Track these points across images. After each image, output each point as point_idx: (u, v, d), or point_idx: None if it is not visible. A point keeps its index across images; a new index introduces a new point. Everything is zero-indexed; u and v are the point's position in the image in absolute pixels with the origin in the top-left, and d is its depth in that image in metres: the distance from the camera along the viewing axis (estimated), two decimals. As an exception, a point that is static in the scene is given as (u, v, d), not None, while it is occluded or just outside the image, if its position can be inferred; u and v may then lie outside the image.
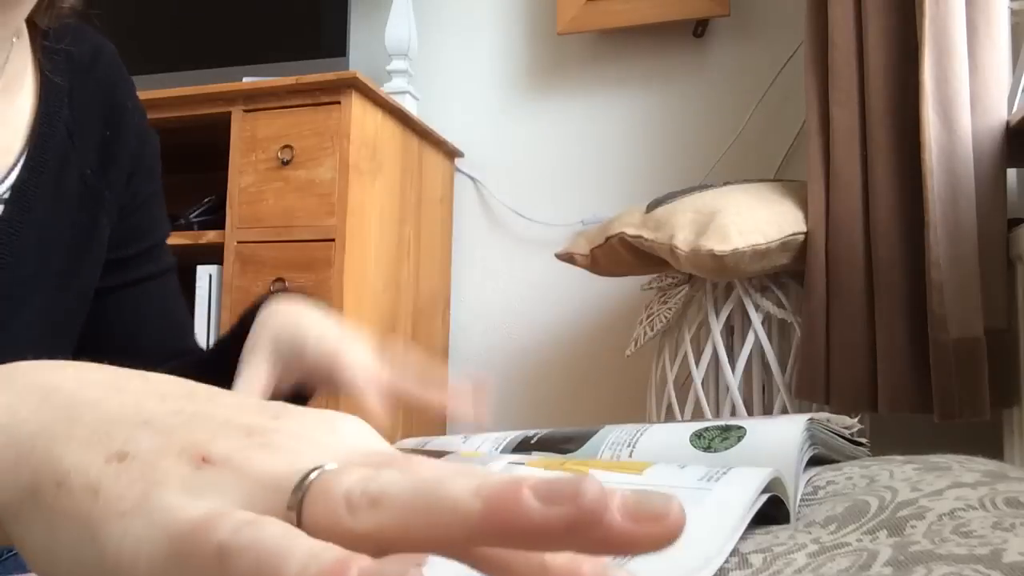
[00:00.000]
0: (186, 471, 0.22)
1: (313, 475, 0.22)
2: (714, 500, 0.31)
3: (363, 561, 0.19)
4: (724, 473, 0.33)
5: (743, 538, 0.30)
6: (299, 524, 0.21)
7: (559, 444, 0.46)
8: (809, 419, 0.42)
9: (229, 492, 0.22)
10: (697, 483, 0.32)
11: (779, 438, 0.40)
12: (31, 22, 0.61)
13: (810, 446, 0.42)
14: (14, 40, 0.59)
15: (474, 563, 0.23)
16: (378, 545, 0.21)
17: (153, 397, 0.25)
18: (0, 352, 0.29)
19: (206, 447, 0.23)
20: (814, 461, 0.43)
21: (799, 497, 0.37)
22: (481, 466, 0.41)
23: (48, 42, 0.62)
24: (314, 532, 0.21)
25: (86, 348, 0.65)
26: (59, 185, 0.61)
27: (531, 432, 0.50)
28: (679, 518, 0.20)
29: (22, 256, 0.58)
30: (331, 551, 0.19)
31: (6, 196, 0.57)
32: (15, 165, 0.58)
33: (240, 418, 0.24)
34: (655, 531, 0.20)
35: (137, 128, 0.68)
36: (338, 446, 0.24)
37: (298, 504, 0.21)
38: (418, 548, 0.21)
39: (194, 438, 0.23)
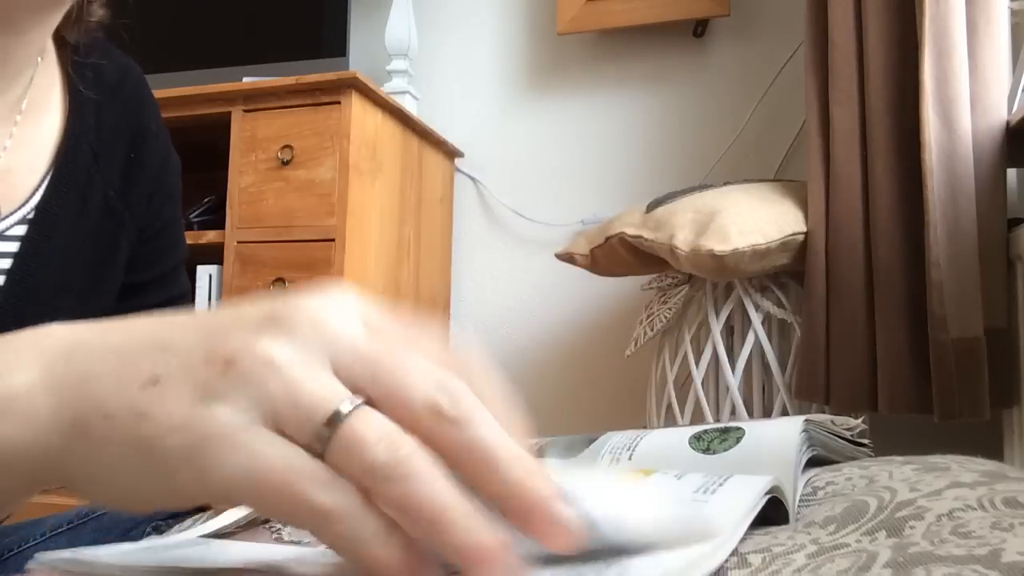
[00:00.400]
0: (215, 377, 0.24)
1: (343, 417, 0.24)
2: (713, 506, 0.31)
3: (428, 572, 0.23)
4: (720, 484, 0.33)
5: (742, 538, 0.30)
6: (324, 453, 0.24)
7: (562, 451, 0.46)
8: (806, 420, 0.42)
9: (257, 389, 0.24)
10: (693, 495, 0.32)
11: (778, 439, 0.40)
12: (59, 38, 0.61)
13: (808, 447, 0.42)
14: (39, 60, 0.59)
15: None
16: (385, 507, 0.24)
17: (164, 325, 0.27)
18: None
19: (223, 348, 0.25)
20: (814, 462, 0.43)
21: (798, 498, 0.37)
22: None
23: (77, 58, 0.62)
24: (335, 468, 0.24)
25: None
26: (82, 205, 0.61)
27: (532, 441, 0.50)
28: (575, 536, 0.24)
29: (44, 275, 0.58)
30: (398, 552, 0.23)
31: (31, 216, 0.57)
32: (40, 184, 0.58)
33: (245, 315, 0.26)
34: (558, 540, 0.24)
35: (160, 151, 0.69)
36: (343, 326, 0.26)
37: (323, 447, 0.24)
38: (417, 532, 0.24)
39: (212, 345, 0.25)
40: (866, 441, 0.47)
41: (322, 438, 0.24)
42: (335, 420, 0.24)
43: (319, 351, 0.25)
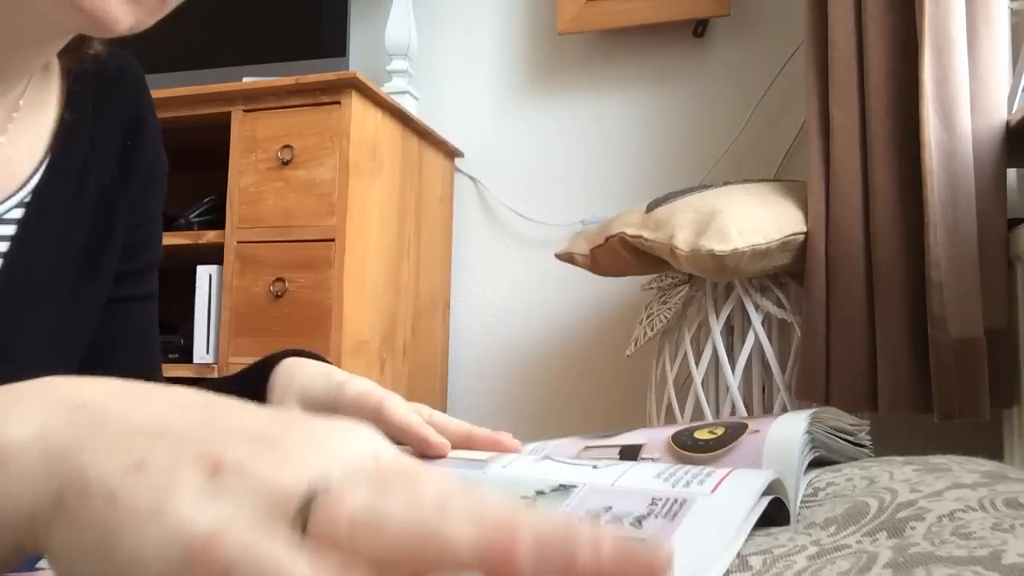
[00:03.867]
0: (199, 479, 0.23)
1: (320, 491, 0.23)
2: (715, 504, 0.31)
3: None
4: (708, 475, 0.33)
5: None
6: (304, 534, 0.22)
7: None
8: (813, 415, 0.42)
9: (240, 500, 0.23)
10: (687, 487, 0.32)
11: (779, 442, 0.40)
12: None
13: (811, 449, 0.42)
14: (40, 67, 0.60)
15: None
16: (376, 567, 0.22)
17: (174, 408, 0.26)
18: (16, 354, 0.30)
19: (219, 456, 0.24)
20: (814, 463, 0.43)
21: (800, 499, 0.37)
22: (499, 475, 0.41)
23: (78, 52, 0.63)
24: (320, 538, 0.22)
25: None
26: (78, 191, 0.62)
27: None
28: (666, 567, 0.22)
29: (40, 259, 0.59)
30: None
31: (27, 200, 0.58)
32: (37, 170, 0.59)
33: (254, 426, 0.25)
34: (641, 568, 0.21)
35: (153, 142, 0.70)
36: (347, 453, 0.25)
37: (303, 521, 0.22)
38: (414, 572, 0.22)
39: (208, 447, 0.24)
40: (867, 442, 0.47)
41: (301, 519, 0.23)
42: (312, 496, 0.23)
43: (319, 473, 0.24)
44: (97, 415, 0.26)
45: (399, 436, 0.51)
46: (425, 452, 0.51)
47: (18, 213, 0.58)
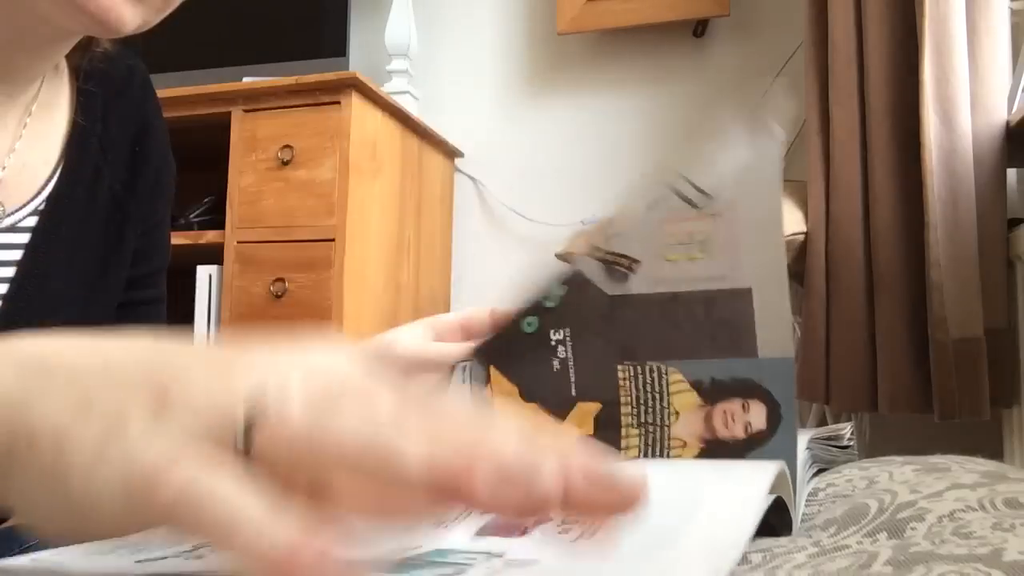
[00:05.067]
0: (145, 414, 0.23)
1: (265, 395, 0.22)
2: (716, 503, 0.30)
3: (312, 549, 0.19)
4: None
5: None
6: (247, 450, 0.22)
7: None
8: (810, 440, 0.42)
9: (184, 430, 0.22)
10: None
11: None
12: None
13: (811, 464, 0.42)
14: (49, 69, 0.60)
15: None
16: (323, 472, 0.22)
17: (123, 352, 0.26)
18: None
19: (164, 388, 0.24)
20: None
21: (802, 509, 0.37)
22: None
23: (86, 56, 0.63)
24: (263, 458, 0.22)
25: None
26: (90, 197, 0.62)
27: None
28: (638, 493, 0.21)
29: (54, 267, 0.59)
30: (283, 527, 0.20)
31: (42, 207, 0.58)
32: (51, 177, 0.59)
33: (205, 356, 0.25)
34: (608, 502, 0.21)
35: (161, 148, 0.70)
36: (299, 368, 0.24)
37: (245, 446, 0.22)
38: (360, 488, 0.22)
39: (155, 380, 0.24)
40: (852, 444, 0.47)
41: (247, 436, 0.22)
42: (257, 402, 0.22)
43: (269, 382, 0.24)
44: (46, 366, 0.26)
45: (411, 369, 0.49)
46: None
47: (32, 221, 0.58)
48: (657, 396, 0.41)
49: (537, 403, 0.43)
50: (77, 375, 0.25)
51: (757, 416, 0.38)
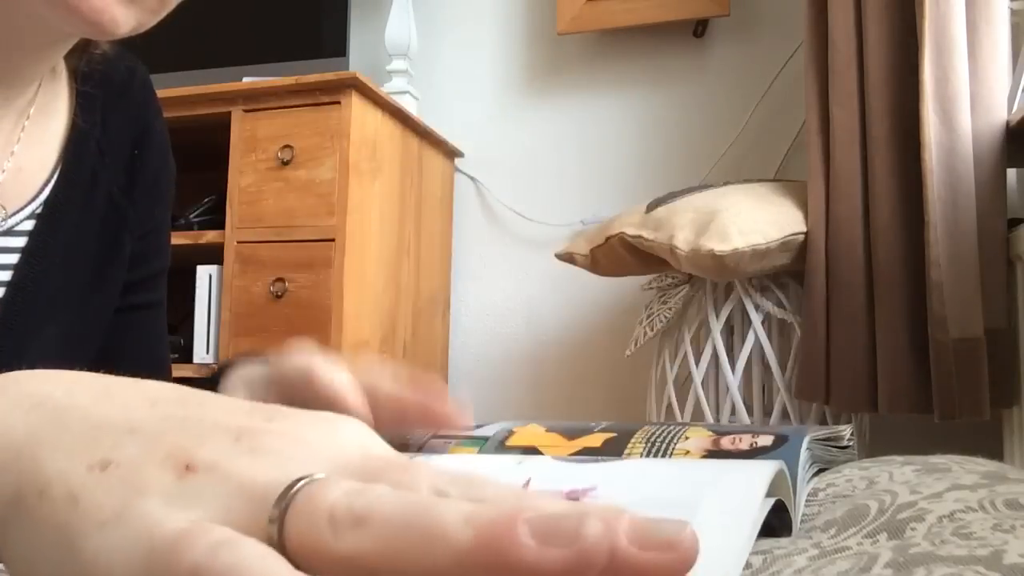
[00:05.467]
0: (169, 479, 0.22)
1: (299, 486, 0.21)
2: (715, 505, 0.30)
3: None
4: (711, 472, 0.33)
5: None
6: (280, 539, 0.20)
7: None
8: (809, 440, 0.42)
9: (212, 502, 0.21)
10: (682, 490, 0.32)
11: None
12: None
13: (812, 464, 0.42)
14: (46, 72, 0.60)
15: None
16: (361, 569, 0.20)
17: (143, 403, 0.25)
18: (25, 364, 0.29)
19: (191, 453, 0.22)
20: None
21: (801, 511, 0.37)
22: (491, 469, 0.39)
23: (85, 58, 0.62)
24: (295, 549, 0.20)
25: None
26: (88, 201, 0.62)
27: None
28: (692, 547, 0.19)
29: (50, 271, 0.58)
30: None
31: (39, 211, 0.58)
32: (49, 180, 0.59)
33: (231, 421, 0.24)
34: (667, 559, 0.19)
35: (161, 152, 0.69)
36: (332, 449, 0.23)
37: (280, 518, 0.21)
38: (403, 574, 0.20)
39: (180, 444, 0.22)
40: (852, 444, 0.47)
41: (278, 517, 0.20)
42: (290, 491, 0.21)
43: (300, 471, 0.22)
44: (59, 409, 0.24)
45: (327, 402, 0.46)
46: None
47: (29, 225, 0.57)
48: (670, 437, 0.42)
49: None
50: (94, 426, 0.23)
51: (765, 439, 0.39)
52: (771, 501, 0.31)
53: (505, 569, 0.19)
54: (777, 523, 0.33)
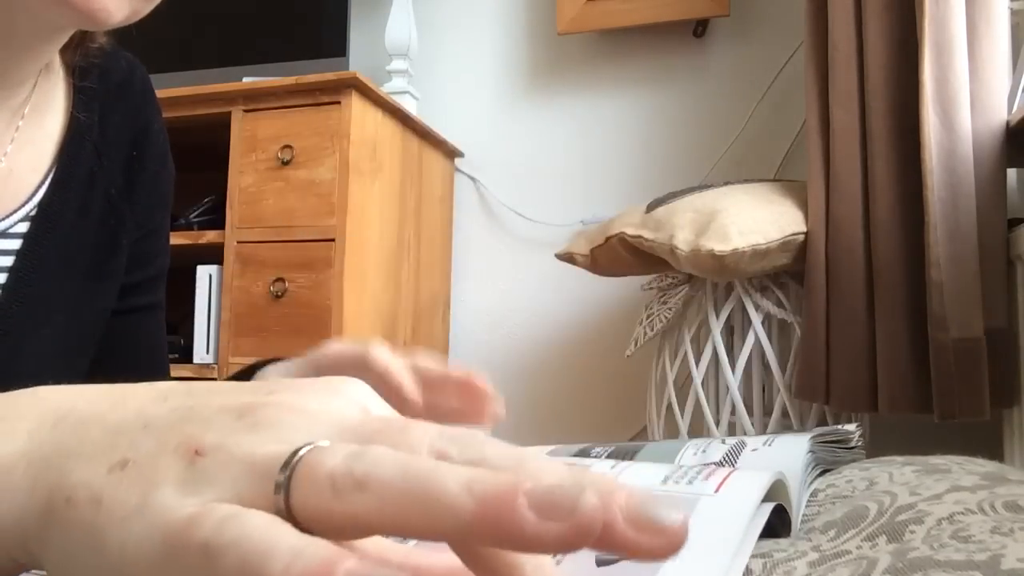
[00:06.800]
0: (180, 467, 0.23)
1: (300, 454, 0.22)
2: (719, 504, 0.30)
3: (349, 562, 0.19)
4: (711, 473, 0.32)
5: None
6: (287, 508, 0.21)
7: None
8: (812, 439, 0.42)
9: (221, 482, 0.22)
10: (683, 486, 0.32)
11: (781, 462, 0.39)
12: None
13: (814, 466, 0.42)
14: (41, 70, 0.59)
15: (457, 552, 0.23)
16: (366, 528, 0.21)
17: (156, 400, 0.26)
18: (22, 367, 0.30)
19: (198, 439, 0.23)
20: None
21: (802, 512, 0.37)
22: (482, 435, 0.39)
23: (82, 57, 0.62)
24: (302, 515, 0.21)
25: None
26: (84, 203, 0.61)
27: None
28: (680, 534, 0.20)
29: (46, 273, 0.58)
30: (315, 547, 0.20)
31: (33, 213, 0.57)
32: (43, 182, 0.58)
33: (234, 400, 0.25)
34: (656, 543, 0.20)
35: (160, 152, 0.68)
36: (332, 414, 0.24)
37: (285, 487, 0.21)
38: (404, 534, 0.21)
39: (188, 431, 0.24)
40: (860, 444, 0.47)
41: (283, 485, 0.21)
42: (292, 461, 0.22)
43: (301, 439, 0.23)
44: (80, 421, 0.25)
45: (381, 383, 0.45)
46: (398, 399, 0.44)
47: (24, 227, 0.57)
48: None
49: None
50: (112, 431, 0.25)
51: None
52: (769, 506, 0.31)
53: (504, 537, 0.20)
54: (777, 522, 0.33)
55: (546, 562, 0.24)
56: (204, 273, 1.78)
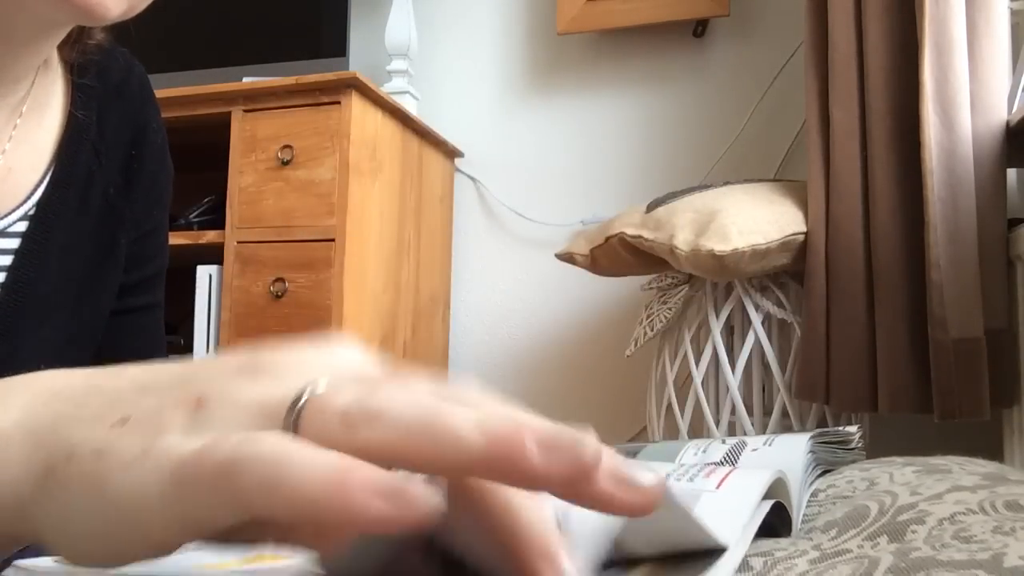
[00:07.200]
0: (183, 415, 0.23)
1: (307, 394, 0.22)
2: (720, 499, 0.30)
3: (364, 469, 0.20)
4: (712, 471, 0.33)
5: (743, 542, 0.29)
6: (295, 426, 0.22)
7: None
8: (812, 438, 0.42)
9: (227, 426, 0.22)
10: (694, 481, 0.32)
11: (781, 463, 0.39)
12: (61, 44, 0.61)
13: (815, 467, 0.42)
14: (39, 67, 0.59)
15: (454, 494, 0.23)
16: (377, 461, 0.21)
17: (151, 372, 0.26)
18: (20, 367, 0.30)
19: (200, 392, 0.24)
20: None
21: (802, 512, 0.37)
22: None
23: (81, 56, 0.62)
24: (311, 434, 0.22)
25: None
26: (83, 202, 0.61)
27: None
28: (655, 494, 0.21)
29: (44, 271, 0.58)
30: (332, 456, 0.20)
31: (32, 212, 0.57)
32: (42, 181, 0.58)
33: (231, 361, 0.25)
34: (630, 499, 0.21)
35: (159, 152, 0.68)
36: (331, 368, 0.25)
37: (293, 426, 0.22)
38: (412, 467, 0.21)
39: (188, 388, 0.24)
40: (860, 445, 0.47)
41: (292, 423, 0.22)
42: (299, 399, 0.22)
43: (304, 384, 0.23)
44: (78, 392, 0.26)
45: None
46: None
47: (22, 226, 0.57)
48: None
49: None
50: (111, 398, 0.25)
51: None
52: (770, 503, 0.31)
53: (513, 473, 0.21)
54: (777, 522, 0.33)
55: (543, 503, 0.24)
56: (204, 273, 1.78)
